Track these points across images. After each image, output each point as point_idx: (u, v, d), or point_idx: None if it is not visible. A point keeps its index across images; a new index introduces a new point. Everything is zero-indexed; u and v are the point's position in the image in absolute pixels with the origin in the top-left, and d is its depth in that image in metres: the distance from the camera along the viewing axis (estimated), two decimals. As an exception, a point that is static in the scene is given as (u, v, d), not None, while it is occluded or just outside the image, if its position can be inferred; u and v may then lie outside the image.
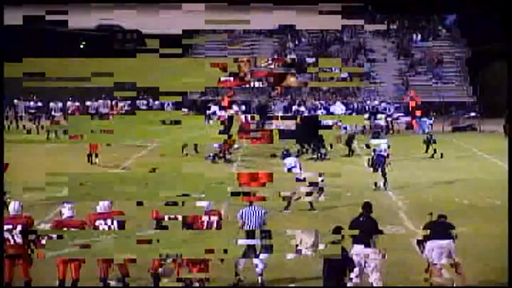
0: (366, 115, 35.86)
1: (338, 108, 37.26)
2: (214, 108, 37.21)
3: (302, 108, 37.12)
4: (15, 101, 37.82)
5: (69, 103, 38.09)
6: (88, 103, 39.22)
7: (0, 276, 11.03)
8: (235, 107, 35.88)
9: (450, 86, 46.66)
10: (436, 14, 50.43)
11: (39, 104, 38.26)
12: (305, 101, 41.52)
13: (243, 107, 39.14)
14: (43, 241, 11.14)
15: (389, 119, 36.77)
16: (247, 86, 39.81)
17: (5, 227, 11.15)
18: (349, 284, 11.04)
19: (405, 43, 49.90)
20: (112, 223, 11.43)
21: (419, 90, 43.25)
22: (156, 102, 42.10)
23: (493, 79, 42.58)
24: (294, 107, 38.04)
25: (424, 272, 12.02)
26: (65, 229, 11.25)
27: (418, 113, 36.84)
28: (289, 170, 19.03)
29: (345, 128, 32.53)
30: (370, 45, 49.72)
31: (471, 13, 44.33)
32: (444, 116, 40.16)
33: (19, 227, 11.16)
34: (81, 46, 49.37)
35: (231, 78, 28.82)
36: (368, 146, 21.97)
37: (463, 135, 35.88)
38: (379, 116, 35.98)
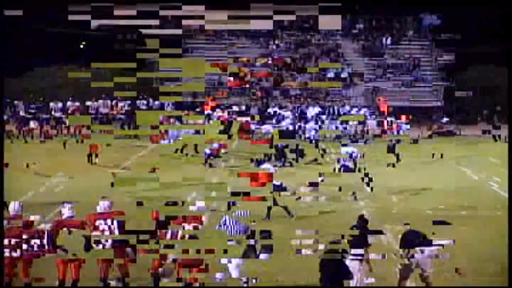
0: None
1: (314, 110, 37.05)
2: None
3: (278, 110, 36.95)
4: (15, 101, 37.84)
5: (69, 103, 38.08)
6: (88, 103, 39.17)
7: (0, 276, 11.02)
8: (235, 108, 35.87)
9: (429, 89, 45.78)
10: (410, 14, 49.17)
11: (39, 104, 38.28)
12: (280, 103, 41.13)
13: (243, 107, 39.04)
14: (44, 241, 11.14)
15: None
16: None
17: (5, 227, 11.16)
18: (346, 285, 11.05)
19: (378, 45, 48.67)
20: (112, 223, 11.42)
21: (393, 94, 42.97)
22: (156, 102, 42.01)
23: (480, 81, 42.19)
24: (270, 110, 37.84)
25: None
26: (65, 229, 11.26)
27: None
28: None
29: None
30: (343, 47, 48.43)
31: (457, 13, 43.48)
32: (422, 121, 39.30)
33: (19, 227, 11.17)
34: (81, 46, 49.32)
35: (231, 78, 28.86)
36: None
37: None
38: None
